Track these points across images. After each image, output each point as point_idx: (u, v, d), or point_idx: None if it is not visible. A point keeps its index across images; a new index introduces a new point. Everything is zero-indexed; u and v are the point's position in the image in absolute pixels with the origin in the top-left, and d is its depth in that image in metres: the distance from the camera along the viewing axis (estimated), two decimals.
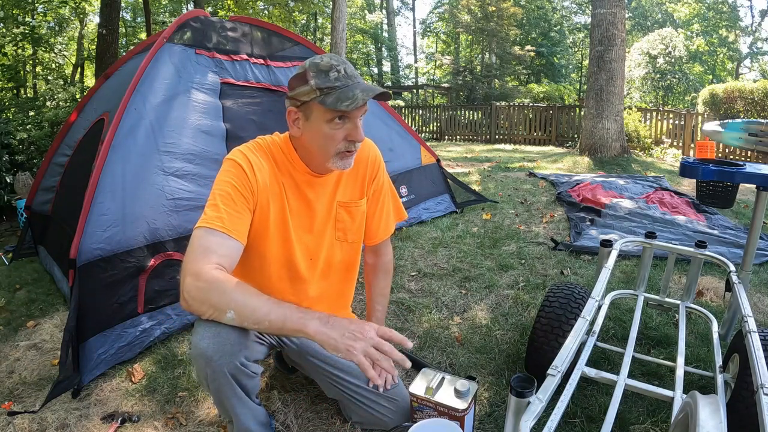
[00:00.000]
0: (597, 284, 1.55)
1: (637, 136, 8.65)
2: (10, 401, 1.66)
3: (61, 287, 2.54)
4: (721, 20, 22.67)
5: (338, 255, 1.42)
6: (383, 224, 1.50)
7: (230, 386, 1.15)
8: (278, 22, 14.04)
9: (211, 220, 1.13)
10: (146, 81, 2.29)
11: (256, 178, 1.21)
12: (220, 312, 1.04)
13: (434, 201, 3.87)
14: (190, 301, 1.06)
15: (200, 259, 1.08)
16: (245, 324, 1.05)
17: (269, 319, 1.02)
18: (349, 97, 1.13)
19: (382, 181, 1.47)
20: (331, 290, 1.46)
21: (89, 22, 16.59)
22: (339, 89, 1.14)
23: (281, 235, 1.29)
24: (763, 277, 2.66)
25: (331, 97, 1.13)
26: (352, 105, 1.13)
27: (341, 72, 1.15)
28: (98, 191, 1.98)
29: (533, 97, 15.10)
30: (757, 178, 1.59)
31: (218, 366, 1.10)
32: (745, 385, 1.29)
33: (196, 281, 1.04)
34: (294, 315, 1.02)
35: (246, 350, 1.14)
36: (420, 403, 1.35)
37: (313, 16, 23.40)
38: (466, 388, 1.31)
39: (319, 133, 1.19)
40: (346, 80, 1.15)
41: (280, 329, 1.03)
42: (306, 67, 1.17)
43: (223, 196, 1.17)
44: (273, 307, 1.03)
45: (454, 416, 1.29)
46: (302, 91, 1.16)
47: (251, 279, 1.32)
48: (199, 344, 1.09)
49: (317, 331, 1.00)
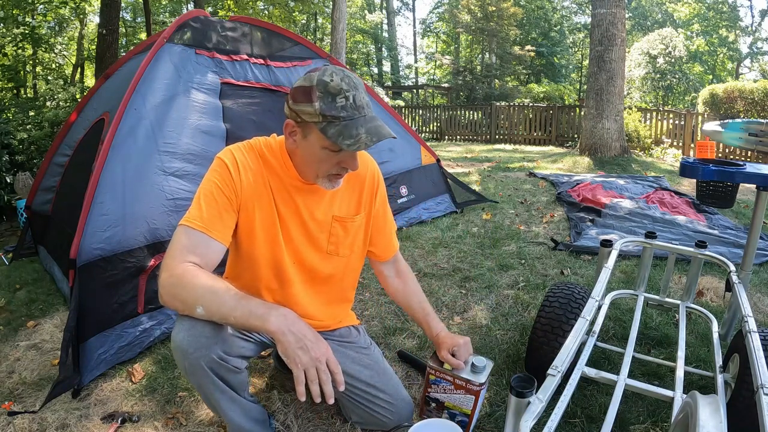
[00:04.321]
0: (597, 284, 1.55)
1: (637, 136, 8.65)
2: (10, 401, 1.66)
3: (61, 287, 2.54)
4: (721, 20, 22.68)
5: (327, 268, 1.39)
6: (394, 235, 1.51)
7: (210, 380, 1.15)
8: (278, 22, 14.05)
9: (192, 219, 1.14)
10: (146, 81, 2.29)
11: (240, 178, 1.20)
12: (190, 307, 1.06)
13: (434, 201, 3.87)
14: (165, 296, 1.08)
15: (176, 257, 1.09)
16: (214, 318, 1.07)
17: (234, 315, 1.03)
18: (353, 136, 1.07)
19: (384, 196, 1.46)
20: (321, 295, 1.43)
21: (89, 22, 16.59)
22: (343, 121, 1.08)
23: (269, 237, 1.28)
24: (763, 277, 2.66)
25: (333, 129, 1.08)
26: (354, 147, 1.07)
27: (349, 100, 1.08)
28: (98, 191, 1.98)
29: (533, 97, 15.10)
30: (757, 178, 1.59)
31: (194, 359, 1.11)
32: (745, 385, 1.29)
33: (169, 277, 1.07)
34: (258, 310, 1.03)
35: (223, 344, 1.14)
36: (438, 376, 1.37)
37: (313, 16, 23.40)
38: (483, 364, 1.35)
39: (313, 155, 1.16)
40: (353, 111, 1.08)
41: (245, 325, 1.04)
42: (313, 84, 1.08)
43: (207, 195, 1.18)
44: (239, 302, 1.04)
45: (471, 390, 1.32)
46: (305, 110, 1.09)
47: (241, 278, 1.32)
48: (176, 338, 1.11)
49: (277, 329, 1.01)
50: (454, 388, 1.35)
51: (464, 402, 1.35)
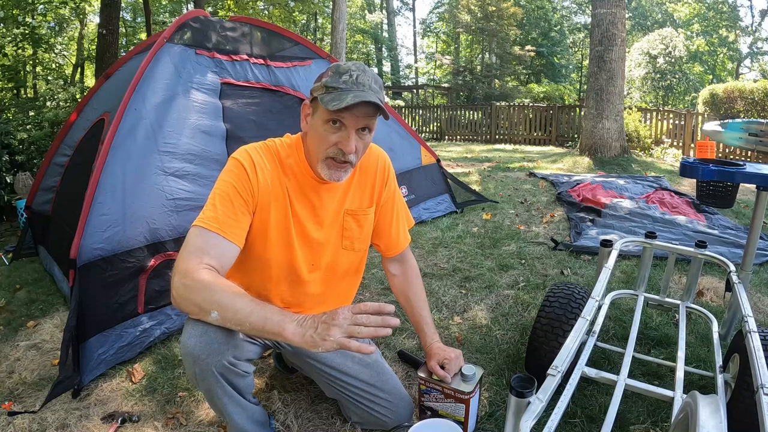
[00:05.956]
0: (597, 284, 1.55)
1: (637, 136, 8.65)
2: (10, 401, 1.66)
3: (61, 287, 2.54)
4: (721, 20, 22.67)
5: (344, 263, 1.40)
6: (402, 231, 1.50)
7: (220, 385, 1.15)
8: (278, 22, 14.06)
9: (207, 220, 1.13)
10: (146, 81, 2.29)
11: (257, 179, 1.21)
12: (205, 312, 1.04)
13: (434, 201, 3.87)
14: (178, 299, 1.07)
15: (191, 258, 1.08)
16: (228, 325, 1.05)
17: (250, 321, 1.02)
18: (341, 99, 1.11)
19: (394, 188, 1.45)
20: (332, 294, 1.44)
21: (89, 22, 16.60)
22: (340, 91, 1.13)
23: (283, 239, 1.28)
24: (763, 277, 2.66)
25: (329, 96, 1.13)
26: (337, 105, 1.10)
27: (353, 77, 1.14)
28: (98, 191, 1.98)
29: (533, 97, 15.11)
30: (757, 178, 1.59)
31: (206, 365, 1.10)
32: (745, 385, 1.29)
33: (183, 279, 1.05)
34: (274, 318, 1.02)
35: (234, 349, 1.13)
36: (428, 386, 1.40)
37: (313, 16, 23.41)
38: (472, 372, 1.38)
39: (317, 131, 1.19)
40: (352, 85, 1.13)
41: (260, 332, 1.03)
42: (330, 66, 1.18)
43: (222, 196, 1.17)
44: (255, 309, 1.02)
45: (460, 399, 1.35)
46: (316, 86, 1.18)
47: (251, 279, 1.32)
48: (187, 343, 1.10)
49: (294, 333, 0.99)
50: (444, 397, 1.37)
51: (456, 410, 1.37)
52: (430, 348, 1.43)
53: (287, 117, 2.81)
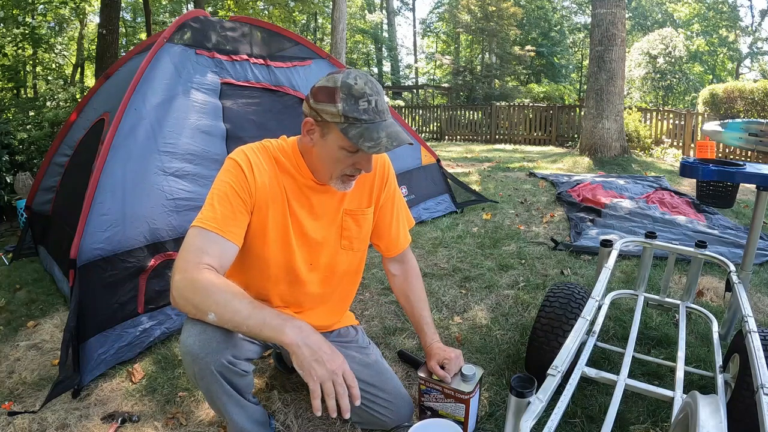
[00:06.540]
0: (597, 284, 1.55)
1: (637, 136, 8.65)
2: (10, 401, 1.66)
3: (61, 287, 2.54)
4: (721, 20, 22.67)
5: (343, 263, 1.40)
6: (402, 231, 1.49)
7: (219, 385, 1.15)
8: (278, 22, 14.05)
9: (206, 220, 1.13)
10: (146, 81, 2.29)
11: (255, 179, 1.20)
12: (202, 313, 1.05)
13: (434, 201, 3.87)
14: (177, 299, 1.07)
15: (191, 258, 1.08)
16: (226, 326, 1.06)
17: (247, 323, 1.02)
18: (374, 139, 1.09)
19: (394, 188, 1.45)
20: (331, 295, 1.44)
21: (89, 22, 16.60)
22: (365, 124, 1.10)
23: (281, 240, 1.28)
24: (763, 277, 2.66)
25: (354, 131, 1.10)
26: (374, 149, 1.09)
27: (372, 104, 1.11)
28: (98, 191, 1.98)
29: (533, 97, 15.11)
30: (757, 178, 1.59)
31: (204, 364, 1.10)
32: (745, 385, 1.29)
33: (182, 279, 1.06)
34: (272, 321, 1.02)
35: (234, 348, 1.13)
36: (428, 386, 1.40)
37: (313, 16, 23.42)
38: (472, 372, 1.38)
39: (330, 154, 1.17)
40: (374, 115, 1.11)
41: (258, 334, 1.03)
42: (337, 85, 1.10)
43: (220, 196, 1.17)
44: (253, 311, 1.03)
45: (460, 399, 1.35)
46: (327, 110, 1.11)
47: (249, 279, 1.32)
48: (186, 342, 1.10)
49: (292, 342, 1.00)
50: (445, 397, 1.38)
51: (456, 410, 1.37)
52: (430, 348, 1.43)
53: (287, 117, 2.81)
